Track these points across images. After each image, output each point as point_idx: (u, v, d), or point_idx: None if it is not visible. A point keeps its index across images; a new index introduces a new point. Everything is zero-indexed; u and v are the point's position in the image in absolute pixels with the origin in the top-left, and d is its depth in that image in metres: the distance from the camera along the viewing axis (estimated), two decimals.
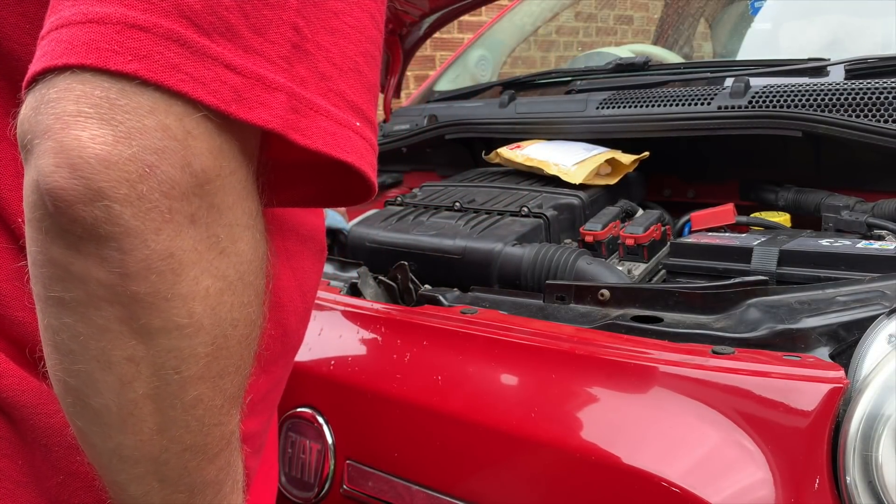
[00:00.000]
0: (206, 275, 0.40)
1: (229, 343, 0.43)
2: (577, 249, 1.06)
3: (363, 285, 1.07)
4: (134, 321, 0.39)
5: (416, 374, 0.88)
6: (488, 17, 3.82)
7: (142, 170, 0.37)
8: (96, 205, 0.37)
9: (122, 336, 0.40)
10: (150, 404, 0.42)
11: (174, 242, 0.39)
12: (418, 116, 1.78)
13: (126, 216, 0.37)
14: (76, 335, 0.40)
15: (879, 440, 0.64)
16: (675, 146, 1.31)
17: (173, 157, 0.38)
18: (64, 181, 0.36)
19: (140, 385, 0.41)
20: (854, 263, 0.89)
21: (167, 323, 0.40)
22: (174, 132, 0.38)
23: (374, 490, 0.86)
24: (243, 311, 0.43)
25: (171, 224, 0.38)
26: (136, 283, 0.38)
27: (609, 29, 4.01)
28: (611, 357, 0.78)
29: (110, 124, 0.37)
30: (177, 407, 0.42)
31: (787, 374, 0.69)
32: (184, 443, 0.44)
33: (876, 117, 1.16)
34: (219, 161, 0.40)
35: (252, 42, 0.40)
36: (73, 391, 0.42)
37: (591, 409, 0.77)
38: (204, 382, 0.42)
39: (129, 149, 0.37)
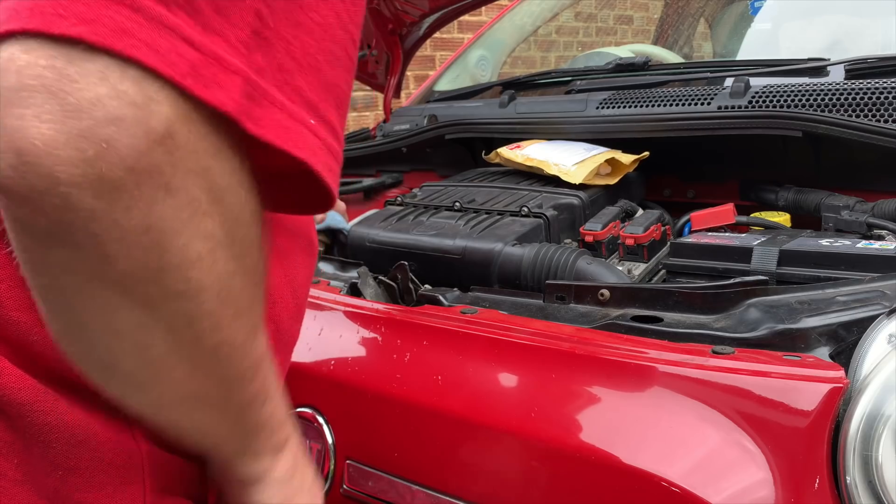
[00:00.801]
0: (196, 240, 0.38)
1: (233, 291, 0.42)
2: (577, 249, 1.06)
3: (363, 285, 1.07)
4: (132, 295, 0.38)
5: (416, 374, 0.88)
6: (488, 17, 3.82)
7: (98, 146, 0.33)
8: (52, 193, 0.33)
9: (126, 309, 0.39)
10: (174, 357, 0.42)
11: (150, 217, 0.36)
12: (418, 116, 1.78)
13: (87, 200, 0.34)
14: (79, 315, 0.40)
15: (879, 440, 0.64)
16: (675, 146, 1.31)
17: (134, 127, 0.34)
18: (11, 171, 0.33)
19: (158, 345, 0.41)
20: (854, 263, 0.89)
21: (166, 292, 0.39)
22: (132, 97, 0.34)
23: (374, 490, 0.86)
24: (241, 261, 0.42)
25: (143, 199, 0.35)
26: (121, 262, 0.36)
27: (609, 29, 4.01)
28: (611, 357, 0.78)
29: (57, 97, 0.33)
30: (200, 354, 0.43)
31: (787, 373, 0.69)
32: (218, 376, 0.46)
33: (876, 117, 1.16)
34: (187, 126, 0.36)
35: (212, 21, 0.37)
36: (97, 364, 0.42)
37: (591, 409, 0.77)
38: (219, 330, 0.43)
39: (81, 122, 0.33)
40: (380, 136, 1.83)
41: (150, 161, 0.35)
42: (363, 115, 4.25)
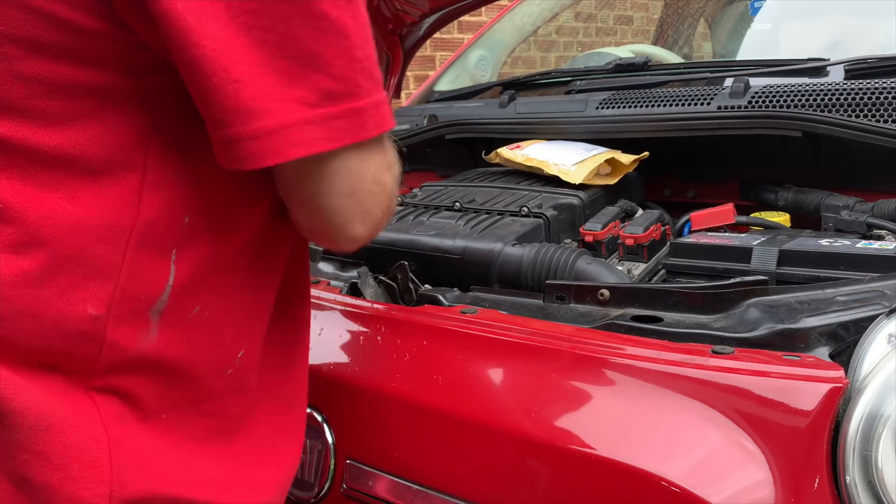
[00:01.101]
0: (390, 177, 0.64)
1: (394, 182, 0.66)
2: (576, 249, 1.06)
3: (363, 285, 1.07)
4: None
5: (416, 374, 0.88)
6: (488, 17, 3.82)
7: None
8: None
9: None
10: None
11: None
12: (418, 116, 1.78)
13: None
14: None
15: (879, 440, 0.65)
16: (675, 146, 1.31)
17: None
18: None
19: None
20: (854, 263, 0.89)
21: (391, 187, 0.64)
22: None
23: (374, 490, 0.86)
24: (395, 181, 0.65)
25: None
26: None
27: (609, 29, 4.01)
28: (611, 357, 0.78)
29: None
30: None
31: (787, 373, 0.69)
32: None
33: (875, 117, 1.16)
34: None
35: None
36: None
37: (591, 409, 0.77)
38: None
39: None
40: None
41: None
42: None
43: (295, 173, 0.59)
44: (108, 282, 0.58)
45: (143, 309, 0.59)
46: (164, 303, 0.60)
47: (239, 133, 0.54)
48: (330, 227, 0.62)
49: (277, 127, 0.54)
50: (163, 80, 0.57)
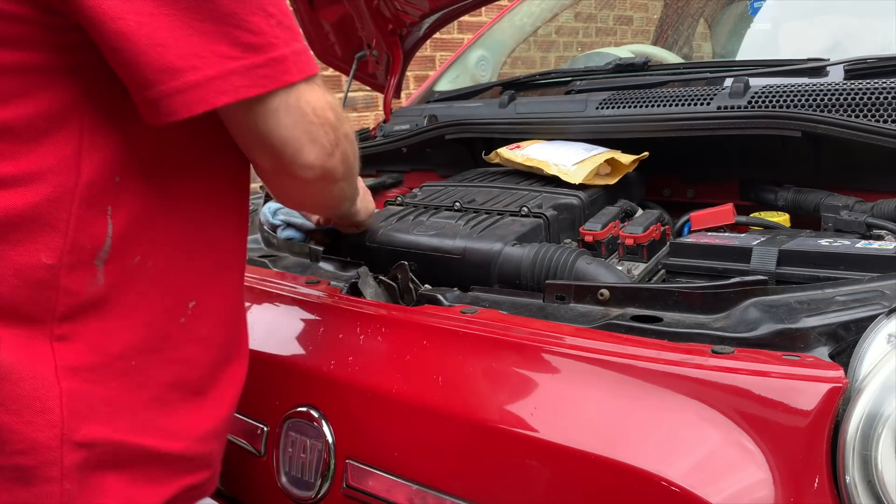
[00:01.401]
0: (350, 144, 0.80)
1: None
2: (576, 249, 1.06)
3: (363, 285, 1.07)
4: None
5: (416, 374, 0.88)
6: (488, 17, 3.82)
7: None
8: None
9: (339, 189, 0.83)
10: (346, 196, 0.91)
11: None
12: (418, 116, 1.78)
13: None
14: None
15: (879, 440, 0.65)
16: (675, 146, 1.31)
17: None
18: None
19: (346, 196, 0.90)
20: (853, 263, 0.89)
21: (333, 121, 0.75)
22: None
23: (374, 489, 0.86)
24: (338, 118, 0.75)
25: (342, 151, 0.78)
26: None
27: (609, 29, 4.01)
28: (610, 357, 0.78)
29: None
30: (352, 193, 0.96)
31: (787, 373, 0.69)
32: (351, 197, 0.98)
33: (875, 117, 1.16)
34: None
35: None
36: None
37: (591, 409, 0.77)
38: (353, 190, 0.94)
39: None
40: (380, 136, 1.83)
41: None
42: (363, 115, 4.25)
43: (244, 119, 0.69)
44: (57, 235, 0.66)
45: (89, 258, 0.68)
46: (107, 252, 0.69)
47: (168, 89, 0.62)
48: (285, 159, 0.72)
49: (203, 79, 0.63)
50: (91, 55, 0.64)
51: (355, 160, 0.83)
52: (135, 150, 0.69)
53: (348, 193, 0.90)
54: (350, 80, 1.92)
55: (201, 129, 0.73)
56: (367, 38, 1.88)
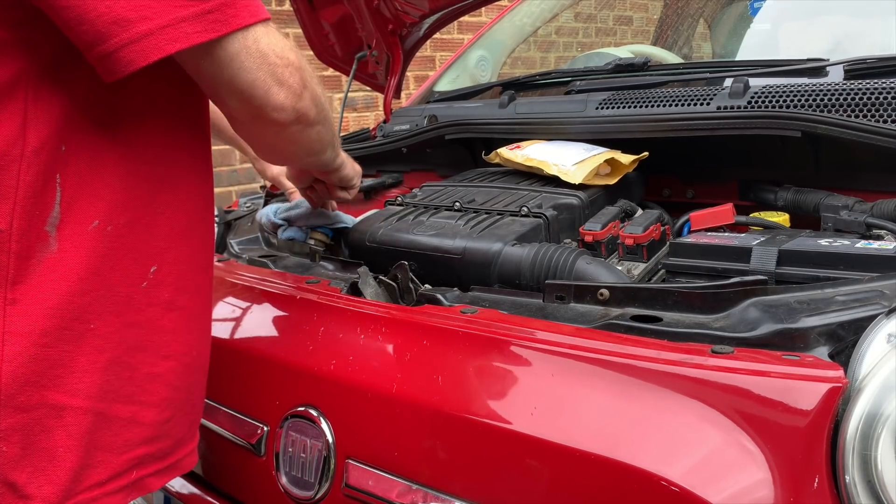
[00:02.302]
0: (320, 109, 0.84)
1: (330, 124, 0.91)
2: (576, 249, 1.06)
3: (363, 285, 1.07)
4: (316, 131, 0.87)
5: (416, 374, 0.88)
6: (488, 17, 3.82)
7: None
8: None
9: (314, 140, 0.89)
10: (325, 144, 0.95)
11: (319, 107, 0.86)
12: (418, 117, 1.78)
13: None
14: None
15: (878, 439, 0.65)
16: (675, 146, 1.31)
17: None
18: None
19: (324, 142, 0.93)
20: (853, 263, 0.89)
21: (296, 61, 0.79)
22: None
23: (374, 489, 0.86)
24: (299, 58, 0.79)
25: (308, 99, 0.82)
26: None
27: (608, 29, 4.01)
28: (610, 357, 0.78)
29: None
30: (331, 140, 0.97)
31: (787, 373, 0.69)
32: (330, 143, 0.98)
33: (875, 117, 1.16)
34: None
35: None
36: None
37: (591, 409, 0.77)
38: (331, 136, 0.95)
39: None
40: (380, 136, 1.84)
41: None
42: (363, 115, 4.25)
43: (210, 67, 0.71)
44: (7, 201, 0.68)
45: (40, 224, 0.70)
46: (57, 218, 0.71)
47: (120, 41, 0.64)
48: (256, 102, 0.75)
49: (155, 28, 0.65)
50: (37, 29, 0.67)
51: (325, 102, 0.85)
52: (82, 120, 0.71)
53: (326, 137, 0.92)
54: (350, 80, 1.92)
55: (156, 95, 0.76)
56: (367, 39, 1.88)
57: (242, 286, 1.18)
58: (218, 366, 0.99)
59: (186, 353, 0.84)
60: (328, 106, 0.87)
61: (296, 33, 3.85)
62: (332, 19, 1.84)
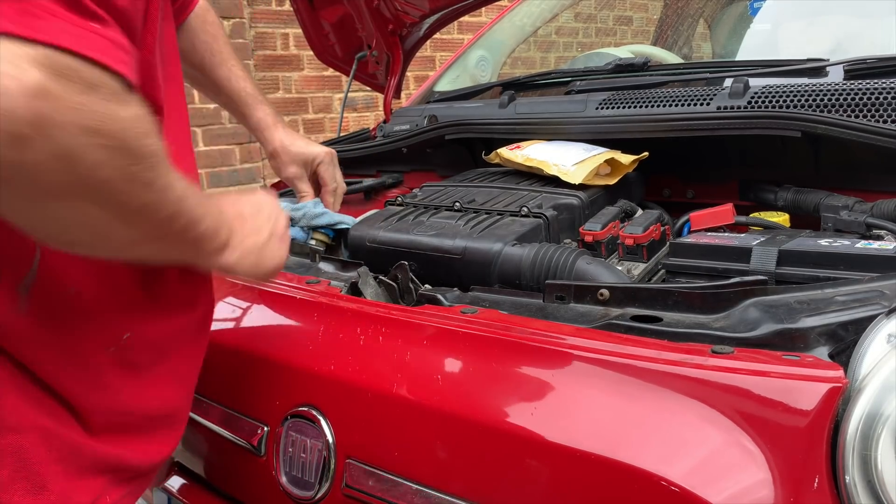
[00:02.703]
0: (100, 150, 0.54)
1: (141, 177, 0.58)
2: (576, 249, 1.06)
3: (363, 285, 1.07)
4: (55, 193, 0.55)
5: (416, 374, 0.88)
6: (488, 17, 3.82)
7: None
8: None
9: (56, 202, 0.55)
10: (109, 221, 0.58)
11: (55, 146, 0.53)
12: (418, 117, 1.78)
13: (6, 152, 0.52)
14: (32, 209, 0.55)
15: (878, 439, 0.65)
16: (675, 146, 1.31)
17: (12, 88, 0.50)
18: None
19: (96, 216, 0.57)
20: (853, 263, 0.89)
21: (86, 185, 0.55)
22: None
23: (374, 489, 0.86)
24: (147, 140, 0.57)
25: (42, 137, 0.51)
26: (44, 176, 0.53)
27: (608, 30, 4.01)
28: (610, 357, 0.78)
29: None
30: (129, 214, 0.59)
31: (787, 373, 0.69)
32: (151, 224, 0.62)
33: (875, 117, 1.16)
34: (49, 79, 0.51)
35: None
36: (63, 239, 0.60)
37: (591, 409, 0.77)
38: (135, 198, 0.59)
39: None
40: (380, 136, 1.84)
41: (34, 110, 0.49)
42: (363, 115, 4.25)
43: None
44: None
45: (12, 284, 0.65)
46: (32, 279, 0.65)
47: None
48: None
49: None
50: None
51: (122, 177, 0.56)
52: None
53: (130, 232, 0.61)
54: (350, 80, 1.92)
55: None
56: (367, 39, 1.88)
57: (242, 286, 1.18)
58: (218, 366, 1.00)
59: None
60: (143, 186, 0.58)
61: (296, 33, 3.87)
62: (332, 19, 1.84)
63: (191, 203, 0.65)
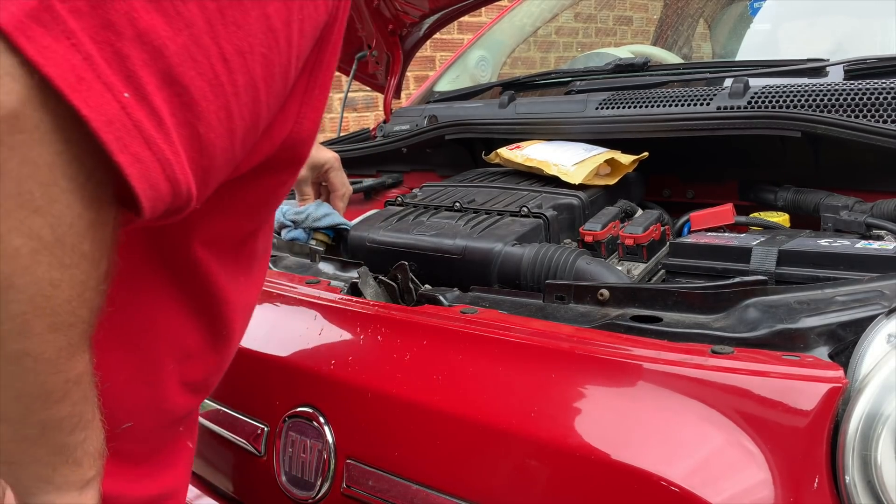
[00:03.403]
0: (16, 233, 0.37)
1: (53, 302, 0.40)
2: (576, 249, 1.06)
3: (363, 285, 1.07)
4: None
5: (416, 374, 0.88)
6: (488, 17, 3.82)
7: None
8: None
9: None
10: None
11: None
12: (418, 117, 1.78)
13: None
14: None
15: (878, 440, 0.65)
16: (675, 146, 1.31)
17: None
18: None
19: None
20: (853, 263, 0.89)
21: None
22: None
23: (374, 489, 0.86)
24: (66, 272, 0.40)
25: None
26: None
27: (608, 30, 4.01)
28: (610, 357, 0.78)
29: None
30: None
31: (787, 373, 0.69)
32: (17, 390, 0.42)
33: (875, 117, 1.16)
34: (27, 108, 0.36)
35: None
36: None
37: (591, 409, 0.77)
38: (26, 338, 0.40)
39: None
40: (380, 136, 1.84)
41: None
42: (363, 115, 4.25)
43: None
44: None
45: None
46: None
47: None
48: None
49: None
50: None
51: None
52: None
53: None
54: (350, 80, 1.92)
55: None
56: (367, 39, 1.88)
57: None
58: None
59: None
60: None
61: None
62: None
63: (85, 398, 0.47)
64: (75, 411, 0.46)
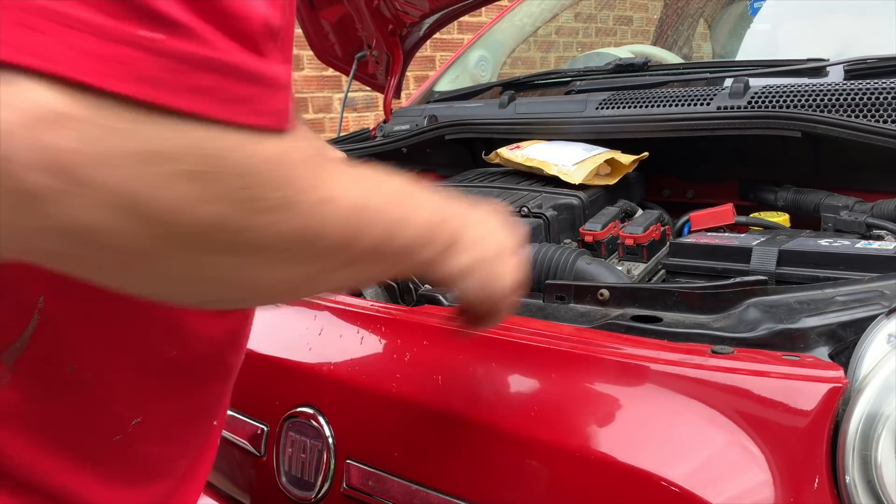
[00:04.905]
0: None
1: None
2: (576, 249, 1.06)
3: None
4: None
5: (416, 374, 0.88)
6: (488, 17, 3.82)
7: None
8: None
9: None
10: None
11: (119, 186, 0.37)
12: (418, 117, 1.78)
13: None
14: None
15: (878, 440, 0.65)
16: (675, 146, 1.31)
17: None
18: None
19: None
20: (853, 263, 0.89)
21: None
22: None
23: (374, 490, 0.86)
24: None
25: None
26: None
27: (608, 30, 4.01)
28: (610, 357, 0.78)
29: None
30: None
31: (787, 373, 0.69)
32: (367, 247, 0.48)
33: (875, 117, 1.16)
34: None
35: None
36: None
37: (591, 409, 0.77)
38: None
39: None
40: (380, 136, 1.84)
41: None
42: (363, 115, 4.25)
43: None
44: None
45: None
46: (20, 350, 0.50)
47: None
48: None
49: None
50: None
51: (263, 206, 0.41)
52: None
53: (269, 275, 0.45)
54: (350, 80, 1.92)
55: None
56: (367, 39, 1.88)
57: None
58: None
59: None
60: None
61: (296, 33, 3.86)
62: (332, 19, 1.84)
63: (377, 210, 0.49)
64: (416, 236, 0.53)
